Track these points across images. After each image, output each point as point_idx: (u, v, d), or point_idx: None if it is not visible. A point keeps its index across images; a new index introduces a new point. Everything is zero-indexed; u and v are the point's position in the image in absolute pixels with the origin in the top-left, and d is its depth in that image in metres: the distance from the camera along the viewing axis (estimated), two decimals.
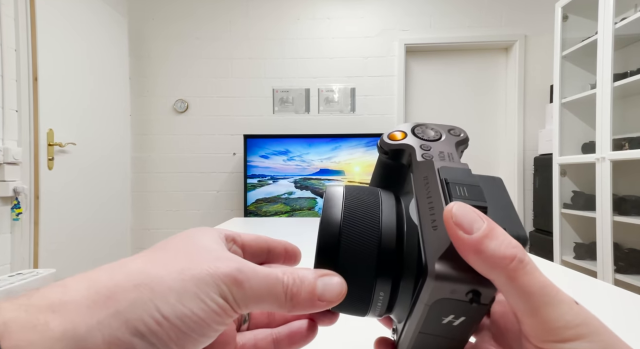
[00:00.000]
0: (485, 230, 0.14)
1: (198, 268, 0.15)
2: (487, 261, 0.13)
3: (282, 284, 0.16)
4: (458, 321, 0.15)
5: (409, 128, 0.21)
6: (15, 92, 1.75)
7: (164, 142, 2.80)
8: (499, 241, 0.13)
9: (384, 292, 0.17)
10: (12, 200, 1.72)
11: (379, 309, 0.18)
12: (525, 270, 0.13)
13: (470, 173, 0.17)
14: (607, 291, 0.58)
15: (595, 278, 0.72)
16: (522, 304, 0.13)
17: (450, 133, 0.21)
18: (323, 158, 2.54)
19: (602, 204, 1.79)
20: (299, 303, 0.17)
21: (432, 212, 0.16)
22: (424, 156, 0.19)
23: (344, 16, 2.77)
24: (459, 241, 0.14)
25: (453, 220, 0.14)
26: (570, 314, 0.13)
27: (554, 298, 0.13)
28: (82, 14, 2.17)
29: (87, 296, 0.13)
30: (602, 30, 1.81)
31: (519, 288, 0.13)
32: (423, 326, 0.15)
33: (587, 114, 2.06)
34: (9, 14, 1.72)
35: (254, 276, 0.16)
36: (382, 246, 0.17)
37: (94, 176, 2.25)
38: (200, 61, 2.78)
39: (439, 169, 0.17)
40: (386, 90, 2.76)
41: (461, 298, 0.14)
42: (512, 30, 2.71)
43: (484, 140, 2.85)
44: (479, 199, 0.15)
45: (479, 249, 0.13)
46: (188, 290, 0.14)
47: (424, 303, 0.14)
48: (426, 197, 0.16)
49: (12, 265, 1.74)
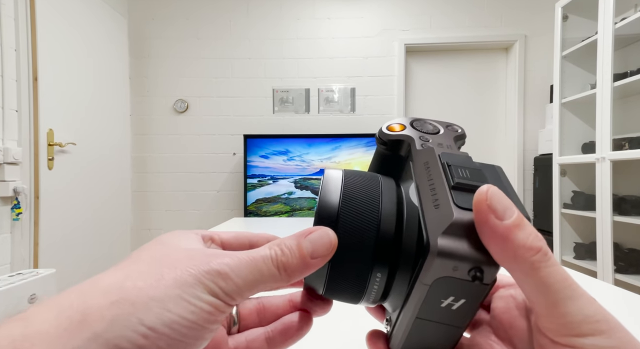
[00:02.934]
0: (516, 219, 0.13)
1: (178, 270, 0.14)
2: (513, 250, 0.13)
3: (271, 259, 0.16)
4: (458, 303, 0.15)
5: (408, 121, 0.21)
6: (15, 92, 1.75)
7: (164, 142, 2.80)
8: (527, 232, 0.13)
9: (381, 276, 0.17)
10: (12, 200, 1.72)
11: (373, 295, 0.18)
12: (548, 263, 0.13)
13: (471, 159, 0.17)
14: (607, 291, 0.58)
15: (595, 278, 0.72)
16: (542, 297, 0.13)
17: (448, 128, 0.21)
18: (323, 158, 2.54)
19: (602, 204, 1.79)
20: (294, 270, 0.16)
21: (434, 193, 0.15)
22: (423, 146, 0.19)
23: (344, 16, 2.77)
24: (488, 226, 0.13)
25: (487, 203, 0.13)
26: (589, 310, 0.13)
27: (575, 292, 0.13)
28: (82, 14, 2.17)
29: (56, 325, 0.12)
30: (602, 30, 1.81)
31: (540, 280, 0.13)
32: (421, 311, 0.15)
33: (587, 114, 2.06)
34: (9, 14, 1.72)
35: (237, 263, 0.15)
36: (381, 229, 0.17)
37: (94, 176, 2.25)
38: (201, 61, 2.78)
39: (440, 155, 0.17)
40: (386, 90, 2.76)
41: (463, 277, 0.14)
42: (512, 30, 2.71)
43: (484, 140, 2.85)
44: (481, 180, 0.15)
45: (508, 237, 0.13)
46: (171, 295, 0.13)
47: (423, 283, 0.14)
48: (427, 179, 0.16)
49: (12, 265, 1.74)
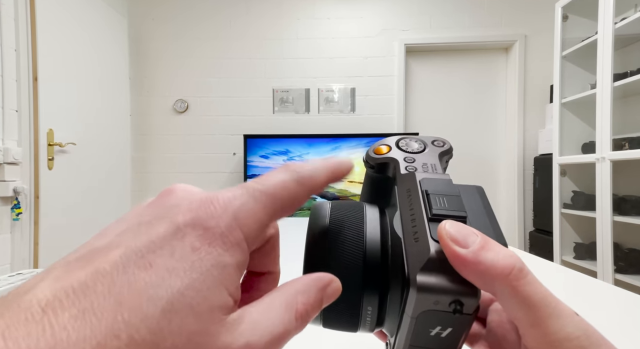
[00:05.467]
0: (480, 242, 0.14)
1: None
2: (486, 272, 0.13)
3: (295, 316, 0.14)
4: (445, 332, 0.15)
5: (394, 142, 0.22)
6: (15, 92, 1.75)
7: (164, 142, 2.80)
8: (495, 252, 0.13)
9: (372, 306, 0.18)
10: (12, 200, 1.72)
11: (369, 324, 0.18)
12: (526, 280, 0.13)
13: (450, 183, 0.17)
14: (607, 291, 0.58)
15: (595, 278, 0.72)
16: (523, 315, 0.13)
17: (434, 144, 0.21)
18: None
19: (602, 204, 1.79)
20: (309, 320, 0.15)
21: (414, 225, 0.16)
22: (408, 169, 0.19)
23: (344, 16, 2.77)
24: (455, 256, 0.13)
25: (447, 236, 0.14)
26: (570, 326, 0.13)
27: (555, 309, 0.13)
28: (82, 14, 2.17)
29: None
30: (602, 30, 1.81)
31: (521, 298, 0.13)
32: (412, 339, 0.15)
33: (587, 114, 2.06)
34: (9, 14, 1.72)
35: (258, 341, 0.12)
36: (367, 260, 0.17)
37: (94, 176, 2.25)
38: (201, 61, 2.78)
39: (420, 181, 0.17)
40: (386, 90, 2.76)
41: (445, 309, 0.14)
42: (512, 30, 2.71)
43: (484, 140, 2.85)
44: (458, 209, 0.16)
45: (477, 261, 0.13)
46: None
47: (409, 316, 0.15)
48: (409, 209, 0.17)
49: (12, 265, 1.74)
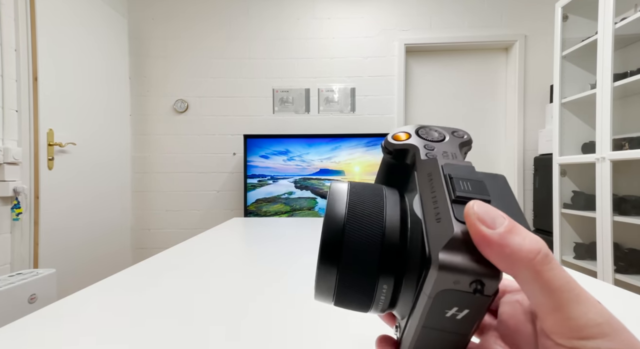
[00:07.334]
0: (508, 225, 0.14)
1: None
2: (511, 255, 0.13)
3: None
4: (462, 314, 0.15)
5: (413, 129, 0.21)
6: (15, 92, 1.75)
7: (164, 142, 2.80)
8: (522, 236, 0.14)
9: (387, 286, 0.17)
10: (12, 200, 1.72)
11: (381, 305, 0.18)
12: (550, 265, 0.13)
13: (473, 170, 0.17)
14: (607, 291, 0.58)
15: (595, 278, 0.72)
16: (546, 300, 0.13)
17: (453, 135, 0.21)
18: (323, 158, 2.54)
19: (602, 204, 1.79)
20: None
21: (436, 206, 0.16)
22: (428, 155, 0.19)
23: (344, 16, 2.77)
24: (482, 236, 0.13)
25: (475, 216, 0.14)
26: (593, 312, 0.13)
27: (578, 296, 0.13)
28: (82, 14, 2.17)
29: None
30: (602, 30, 1.81)
31: (544, 283, 0.13)
32: (427, 320, 0.15)
33: (587, 114, 2.06)
34: (9, 14, 1.72)
35: None
36: (385, 240, 0.17)
37: (94, 176, 2.25)
38: (201, 61, 2.78)
39: (443, 166, 0.17)
40: (386, 90, 2.76)
41: (465, 289, 0.14)
42: (512, 30, 2.71)
43: (484, 140, 2.85)
44: (482, 193, 0.15)
45: (504, 243, 0.13)
46: None
47: (427, 295, 0.14)
48: (430, 192, 0.17)
49: (12, 265, 1.74)
